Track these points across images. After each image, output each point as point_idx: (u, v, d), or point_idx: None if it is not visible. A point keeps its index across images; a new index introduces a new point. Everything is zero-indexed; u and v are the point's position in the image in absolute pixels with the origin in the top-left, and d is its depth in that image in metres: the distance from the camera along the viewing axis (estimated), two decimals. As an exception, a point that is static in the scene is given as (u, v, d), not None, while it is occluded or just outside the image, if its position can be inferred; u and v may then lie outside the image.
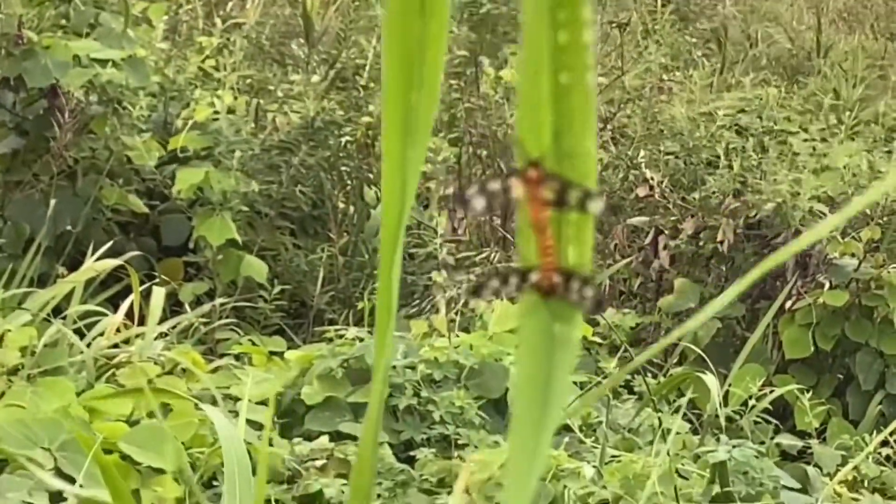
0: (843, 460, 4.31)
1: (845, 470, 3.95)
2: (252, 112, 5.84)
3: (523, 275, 0.95)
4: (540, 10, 0.89)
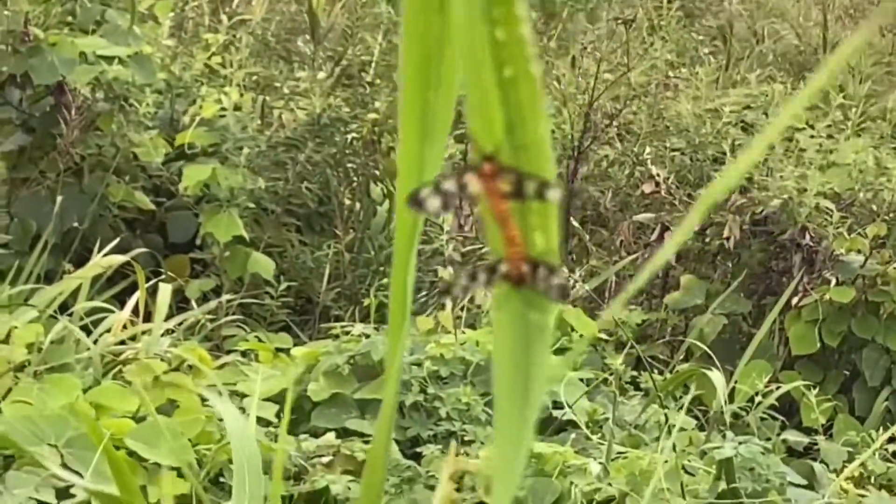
0: (849, 457, 4.30)
1: (852, 466, 3.95)
2: (258, 109, 5.84)
3: (492, 268, 0.96)
4: (473, 7, 0.90)
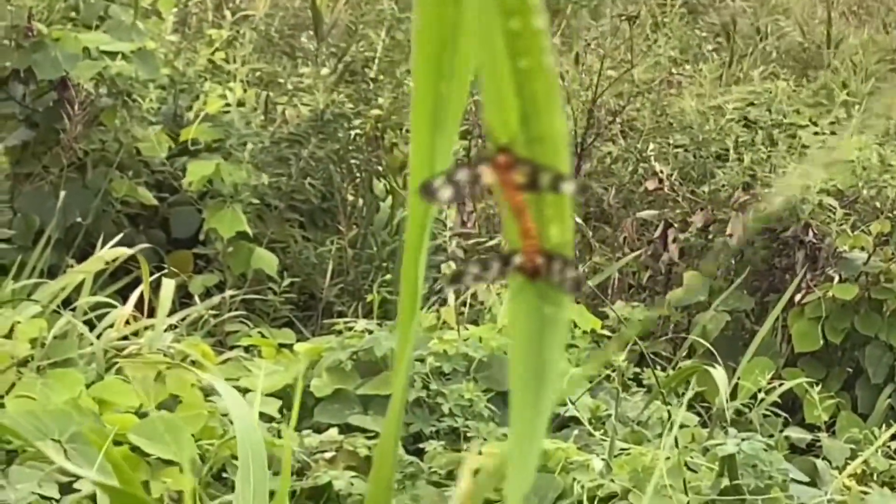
0: (852, 454, 4.30)
1: (855, 463, 3.95)
2: (262, 105, 5.84)
3: (506, 258, 0.96)
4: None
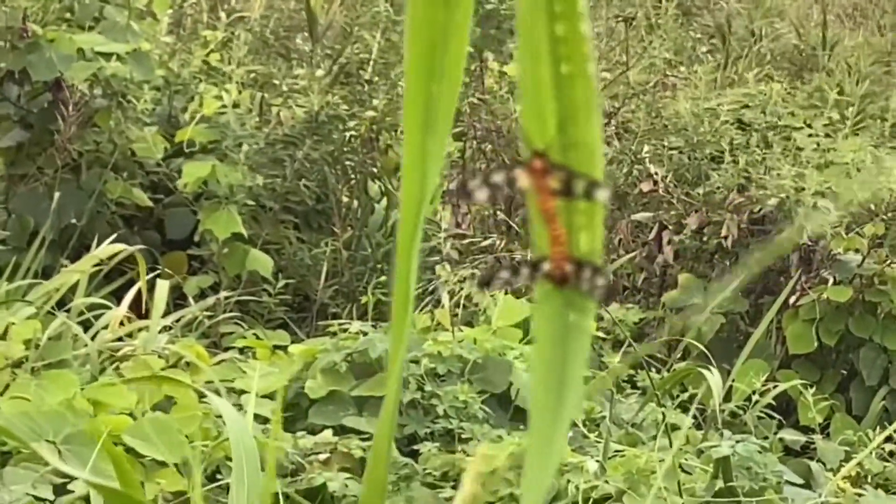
0: (846, 456, 4.31)
1: (849, 465, 3.95)
2: (256, 106, 5.84)
3: (535, 265, 0.96)
4: (537, 2, 0.90)
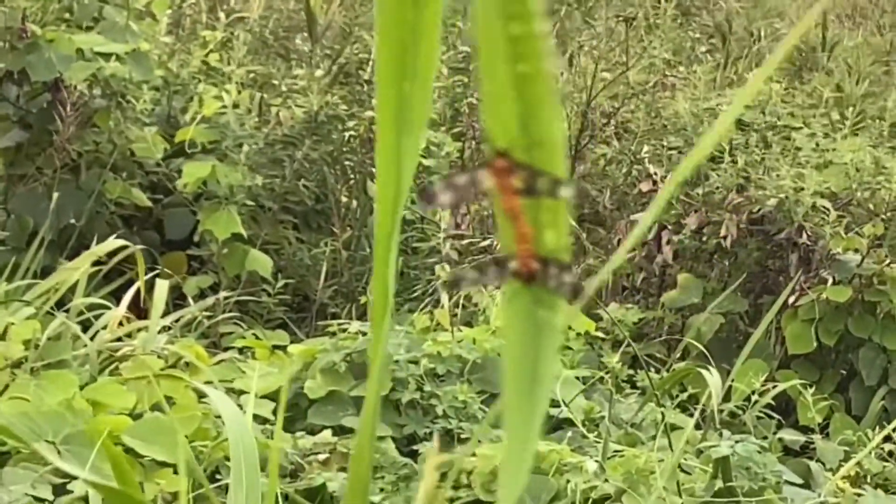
0: (845, 456, 4.31)
1: (848, 465, 3.95)
2: (256, 106, 5.84)
3: (502, 263, 0.96)
4: (490, 3, 0.90)
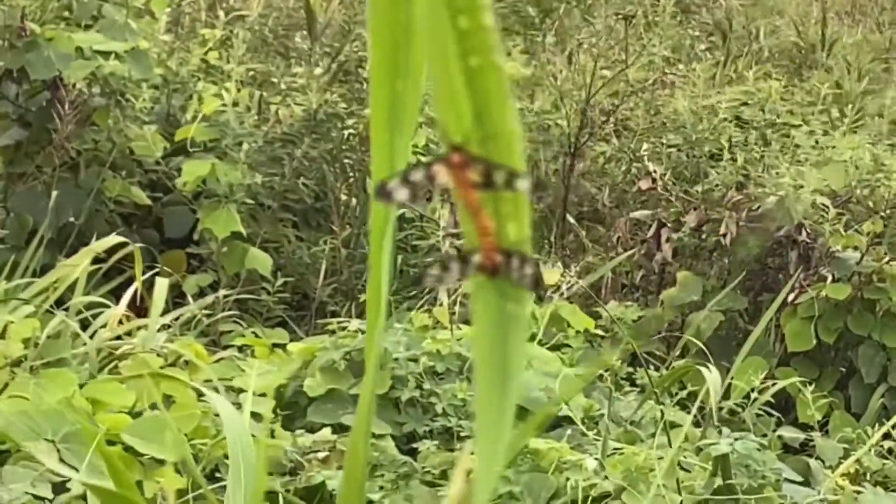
0: (845, 453, 4.30)
1: (847, 463, 3.95)
2: (255, 104, 5.84)
3: (466, 258, 0.96)
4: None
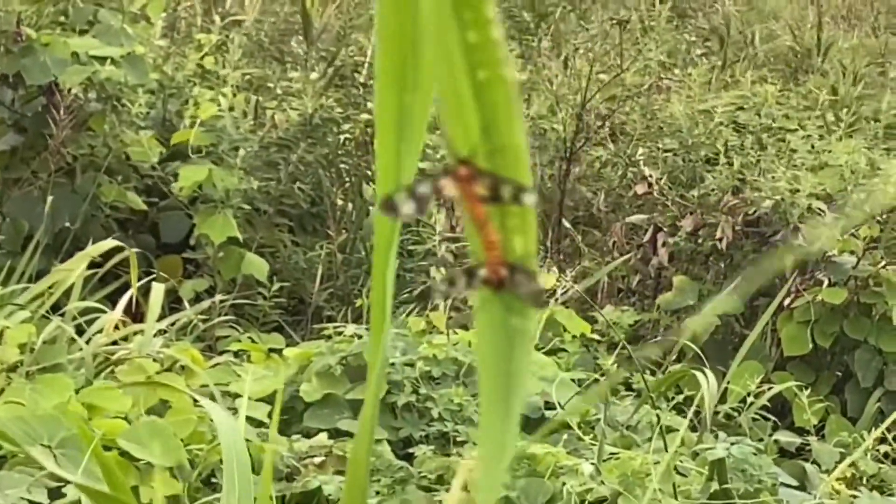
0: (841, 457, 4.30)
1: (843, 467, 3.95)
2: (251, 109, 5.84)
3: (472, 271, 0.96)
4: (444, 12, 0.90)
